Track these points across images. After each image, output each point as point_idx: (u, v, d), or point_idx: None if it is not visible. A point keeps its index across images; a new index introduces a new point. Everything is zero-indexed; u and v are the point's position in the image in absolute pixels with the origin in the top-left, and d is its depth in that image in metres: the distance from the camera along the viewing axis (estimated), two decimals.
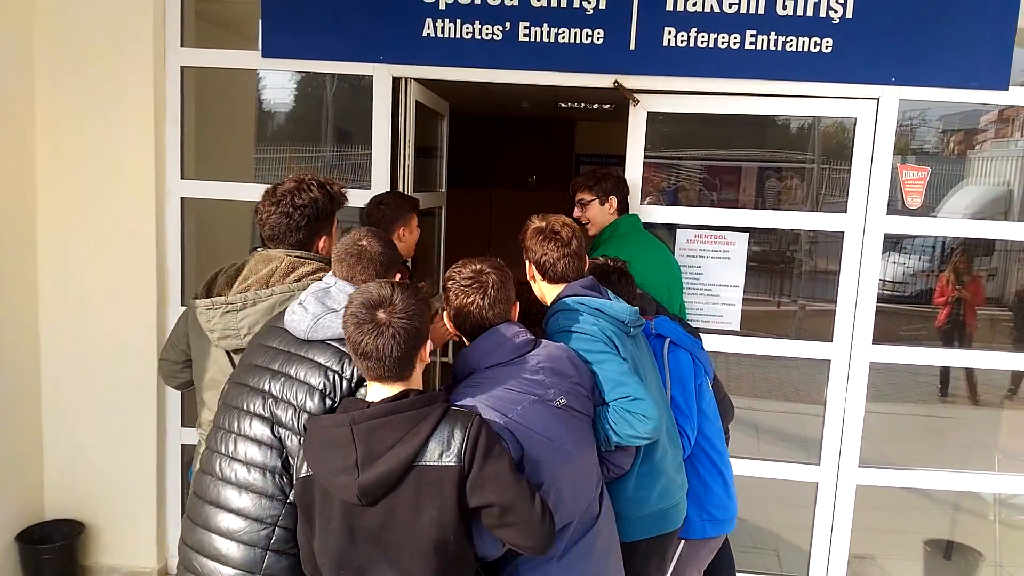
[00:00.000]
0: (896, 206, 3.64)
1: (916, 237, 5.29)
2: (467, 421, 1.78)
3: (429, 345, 1.90)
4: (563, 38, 3.54)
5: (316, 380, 1.96)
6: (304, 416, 1.92)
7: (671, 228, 3.80)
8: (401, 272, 2.23)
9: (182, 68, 3.74)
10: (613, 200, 3.46)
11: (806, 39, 3.46)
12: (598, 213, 3.48)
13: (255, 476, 1.95)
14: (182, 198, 3.80)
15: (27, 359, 3.71)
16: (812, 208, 8.52)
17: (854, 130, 3.56)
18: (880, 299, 3.64)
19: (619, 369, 2.19)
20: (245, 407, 2.01)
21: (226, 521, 1.95)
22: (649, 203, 3.88)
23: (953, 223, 4.51)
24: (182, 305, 3.82)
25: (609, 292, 2.45)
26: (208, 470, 2.02)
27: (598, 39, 3.53)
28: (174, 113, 3.75)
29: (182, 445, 3.91)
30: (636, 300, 2.63)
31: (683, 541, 2.56)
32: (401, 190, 3.73)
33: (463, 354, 2.13)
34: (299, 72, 4.38)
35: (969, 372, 7.10)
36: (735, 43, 3.49)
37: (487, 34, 3.56)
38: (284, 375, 2.00)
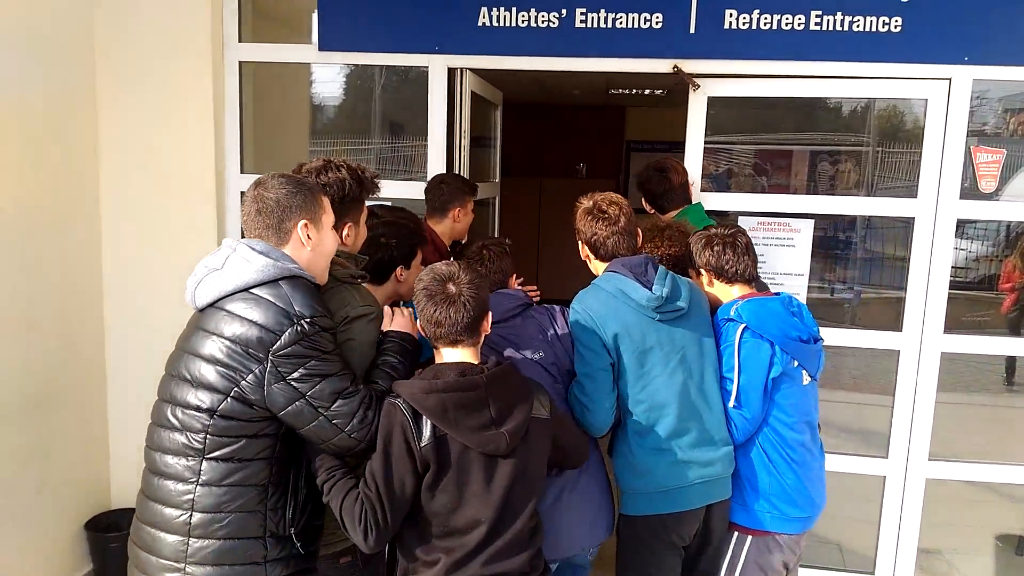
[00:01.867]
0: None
1: (989, 222, 5.08)
2: (540, 385, 2.13)
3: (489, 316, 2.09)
4: (620, 23, 3.48)
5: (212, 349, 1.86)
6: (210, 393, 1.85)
7: (722, 215, 3.71)
8: (307, 219, 1.96)
9: (240, 63, 3.77)
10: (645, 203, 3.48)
11: (874, 19, 3.35)
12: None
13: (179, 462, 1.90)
14: (241, 192, 3.84)
15: (93, 351, 3.79)
16: (867, 192, 8.31)
17: (925, 112, 3.44)
18: None
19: (589, 367, 2.38)
20: (164, 394, 1.97)
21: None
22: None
23: None
24: None
25: (660, 273, 2.43)
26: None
27: (656, 23, 3.47)
28: (232, 108, 3.79)
29: None
30: (749, 272, 2.58)
31: (749, 532, 2.52)
32: None
33: None
34: (353, 65, 4.39)
35: None
36: (799, 24, 3.39)
37: (543, 22, 3.52)
38: (184, 352, 1.92)
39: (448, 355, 2.01)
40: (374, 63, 3.83)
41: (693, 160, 3.58)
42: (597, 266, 2.56)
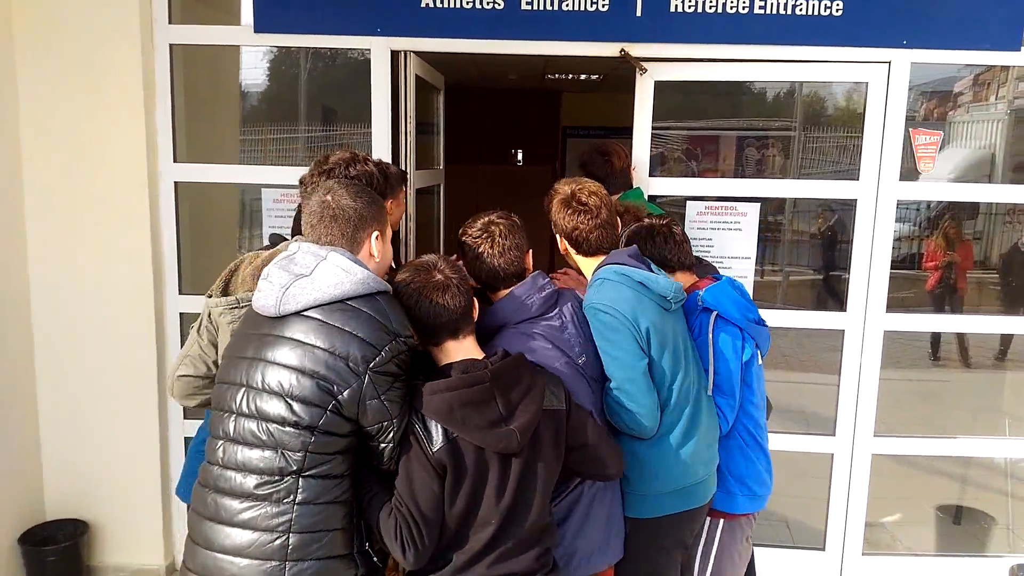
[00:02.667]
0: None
1: (911, 203, 5.27)
2: (554, 375, 2.01)
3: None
4: (567, 6, 3.44)
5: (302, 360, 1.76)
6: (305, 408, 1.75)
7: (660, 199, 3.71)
8: (379, 231, 1.97)
9: (171, 46, 3.59)
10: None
11: (816, 2, 3.39)
12: None
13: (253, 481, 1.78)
14: (175, 182, 3.67)
15: (21, 354, 3.58)
16: (793, 176, 8.51)
17: (865, 95, 3.50)
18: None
19: (630, 370, 2.18)
20: (234, 406, 1.82)
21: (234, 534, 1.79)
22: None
23: (968, 188, 4.48)
24: (180, 294, 3.71)
25: (651, 263, 2.38)
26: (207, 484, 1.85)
27: (603, 6, 3.43)
28: (164, 93, 3.60)
29: (185, 438, 3.80)
30: (689, 259, 2.57)
31: (721, 516, 2.52)
32: (403, 168, 3.61)
33: (493, 309, 2.17)
34: (287, 48, 4.24)
35: (960, 335, 7.15)
36: (744, 7, 3.41)
37: (488, 3, 3.45)
38: (262, 361, 1.79)
39: (453, 350, 1.92)
40: (313, 45, 3.69)
41: (640, 145, 3.58)
42: (579, 260, 2.43)
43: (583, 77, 8.14)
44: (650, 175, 3.61)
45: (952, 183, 3.66)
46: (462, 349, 1.92)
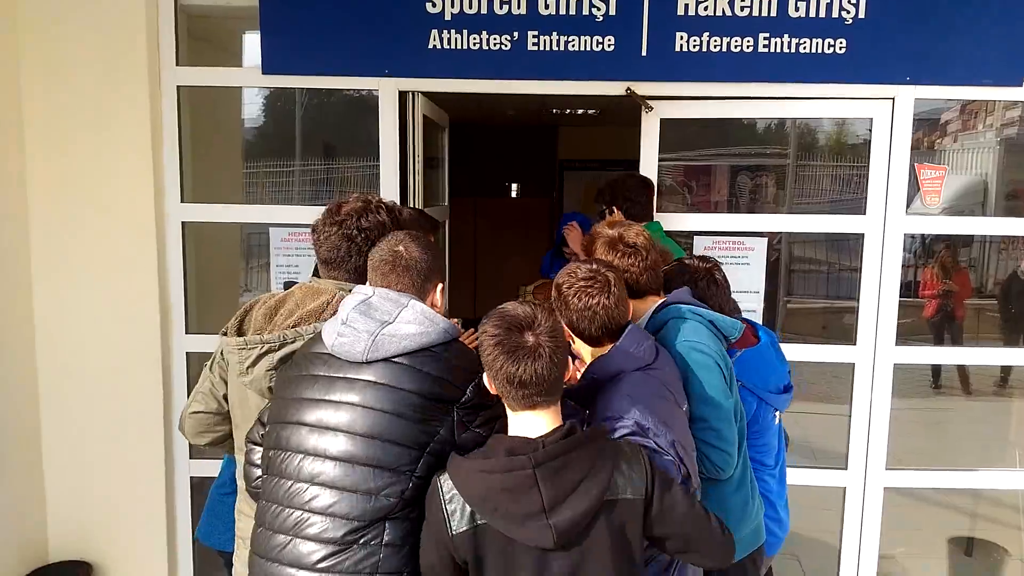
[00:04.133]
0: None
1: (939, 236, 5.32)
2: (638, 453, 1.74)
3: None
4: (573, 46, 3.47)
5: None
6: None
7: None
8: (441, 283, 2.06)
9: (178, 87, 3.61)
10: (615, 210, 3.38)
11: (819, 40, 3.43)
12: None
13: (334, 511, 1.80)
14: (183, 222, 3.66)
15: (25, 395, 3.54)
16: (787, 208, 8.56)
17: (870, 131, 3.54)
18: None
19: (722, 410, 2.15)
20: (308, 447, 1.84)
21: None
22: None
23: (972, 221, 4.52)
24: (187, 334, 3.69)
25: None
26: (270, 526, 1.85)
27: (609, 46, 3.47)
28: (171, 135, 3.61)
29: (191, 478, 3.76)
30: (731, 305, 2.55)
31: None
32: (412, 204, 3.63)
33: (608, 357, 2.04)
34: (290, 88, 4.26)
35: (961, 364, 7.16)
36: (748, 46, 3.44)
37: (495, 44, 3.48)
38: (348, 404, 1.82)
39: (521, 421, 1.72)
40: (321, 86, 3.71)
41: None
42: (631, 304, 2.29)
43: (580, 112, 8.20)
44: (659, 210, 3.63)
45: (958, 216, 3.68)
46: (532, 421, 1.71)
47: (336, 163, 5.67)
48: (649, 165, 3.62)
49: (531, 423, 1.71)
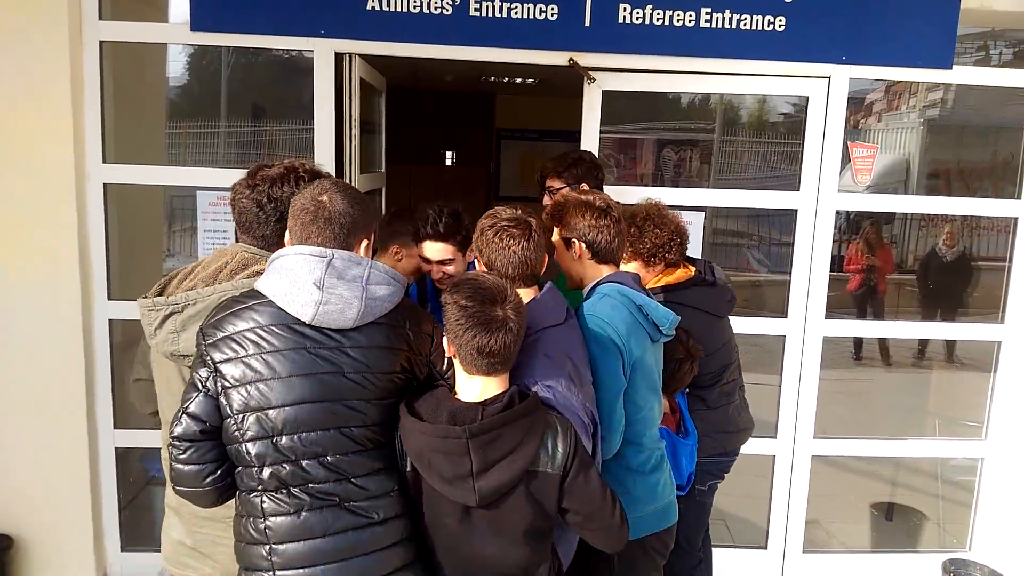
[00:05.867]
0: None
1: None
2: (566, 431, 1.83)
3: None
4: (516, 13, 3.41)
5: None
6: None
7: None
8: (367, 240, 1.92)
9: (101, 43, 3.42)
10: (585, 188, 3.32)
11: (759, 17, 3.45)
12: None
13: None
14: (104, 184, 3.50)
15: None
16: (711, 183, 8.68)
17: (805, 109, 3.59)
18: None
19: (609, 392, 2.14)
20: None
21: None
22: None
23: (899, 199, 4.65)
24: (109, 300, 3.55)
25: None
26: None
27: (552, 15, 3.42)
28: (93, 92, 3.43)
29: (115, 448, 3.64)
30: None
31: None
32: (348, 170, 3.54)
33: (527, 308, 1.98)
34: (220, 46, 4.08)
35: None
36: (690, 20, 3.44)
37: (436, 8, 3.40)
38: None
39: (472, 385, 1.80)
40: (253, 45, 3.56)
41: None
42: (587, 266, 2.30)
43: (519, 81, 8.13)
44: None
45: (883, 194, 3.78)
46: (480, 385, 1.80)
47: (265, 125, 5.46)
48: (590, 137, 3.60)
49: (481, 387, 1.80)
